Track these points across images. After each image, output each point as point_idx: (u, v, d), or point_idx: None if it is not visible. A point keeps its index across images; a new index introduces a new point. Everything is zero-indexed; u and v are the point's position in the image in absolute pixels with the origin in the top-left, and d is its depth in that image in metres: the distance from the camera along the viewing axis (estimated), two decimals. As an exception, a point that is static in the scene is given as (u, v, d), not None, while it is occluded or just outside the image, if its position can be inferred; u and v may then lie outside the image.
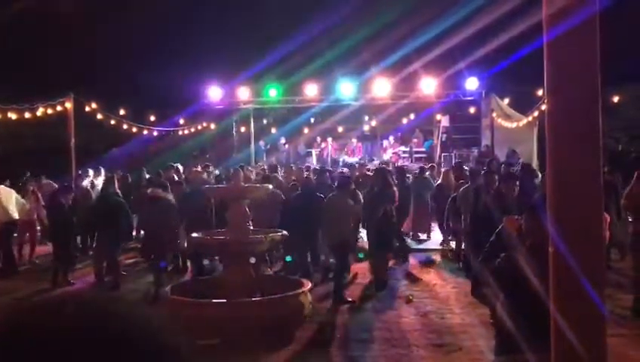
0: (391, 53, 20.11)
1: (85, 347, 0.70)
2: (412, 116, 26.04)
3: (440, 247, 13.42)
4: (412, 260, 12.36)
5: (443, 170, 15.49)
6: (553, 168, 2.54)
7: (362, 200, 10.84)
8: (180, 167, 15.44)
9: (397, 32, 20.00)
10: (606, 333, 2.53)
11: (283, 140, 27.13)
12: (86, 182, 14.75)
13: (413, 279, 10.85)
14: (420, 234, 14.72)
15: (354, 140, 26.60)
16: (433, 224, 14.42)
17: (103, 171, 15.96)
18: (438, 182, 14.07)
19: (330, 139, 26.61)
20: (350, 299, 9.39)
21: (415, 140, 25.54)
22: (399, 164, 20.74)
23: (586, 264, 2.45)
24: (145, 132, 23.36)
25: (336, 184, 10.83)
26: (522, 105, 20.60)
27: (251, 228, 8.80)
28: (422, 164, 18.07)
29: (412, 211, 13.98)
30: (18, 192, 12.84)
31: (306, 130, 28.25)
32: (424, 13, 19.60)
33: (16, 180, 14.29)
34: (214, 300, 8.03)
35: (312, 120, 26.94)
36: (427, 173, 15.20)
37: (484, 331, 7.12)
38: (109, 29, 24.22)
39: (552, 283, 2.55)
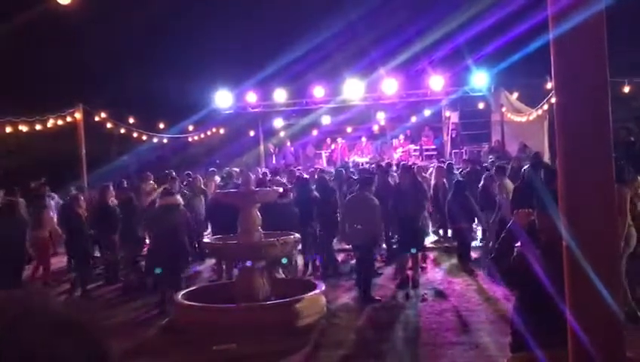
0: (398, 51, 20.05)
1: None
2: (421, 113, 25.93)
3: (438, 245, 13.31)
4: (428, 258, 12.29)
5: (435, 168, 14.84)
6: (564, 162, 2.51)
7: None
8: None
9: (404, 30, 19.94)
10: (623, 331, 2.48)
11: (289, 143, 27.20)
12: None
13: (427, 277, 10.79)
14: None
15: (363, 139, 26.54)
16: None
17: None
18: (433, 182, 13.81)
19: (340, 140, 26.58)
20: (378, 298, 9.32)
21: (425, 138, 25.44)
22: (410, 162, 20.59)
23: (600, 259, 2.41)
24: (155, 139, 23.47)
25: (357, 182, 10.55)
26: (531, 98, 20.46)
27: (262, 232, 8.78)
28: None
29: None
30: (33, 201, 12.26)
31: (314, 132, 28.23)
32: (431, 10, 19.53)
33: (29, 191, 13.95)
34: (227, 305, 8.03)
35: (321, 121, 26.91)
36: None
37: (500, 328, 7.09)
38: (116, 37, 24.33)
39: (566, 280, 2.51)
